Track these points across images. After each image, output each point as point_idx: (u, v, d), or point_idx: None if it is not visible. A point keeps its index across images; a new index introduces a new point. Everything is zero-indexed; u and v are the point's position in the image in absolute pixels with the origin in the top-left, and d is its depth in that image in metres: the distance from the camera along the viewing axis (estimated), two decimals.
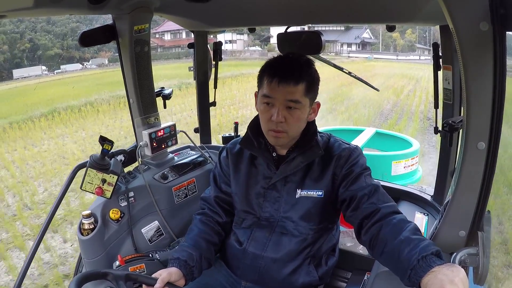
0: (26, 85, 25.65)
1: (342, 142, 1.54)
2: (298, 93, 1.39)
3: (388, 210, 1.32)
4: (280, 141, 1.46)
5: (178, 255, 1.44)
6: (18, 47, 41.58)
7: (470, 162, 1.07)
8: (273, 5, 1.77)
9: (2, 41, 40.07)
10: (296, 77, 1.38)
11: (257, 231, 1.57)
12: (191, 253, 1.45)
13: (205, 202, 1.69)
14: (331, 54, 50.22)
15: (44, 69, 37.75)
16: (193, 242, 1.52)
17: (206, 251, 1.51)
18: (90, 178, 1.71)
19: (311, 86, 1.42)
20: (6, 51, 40.43)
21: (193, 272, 1.43)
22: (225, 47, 52.39)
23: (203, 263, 1.48)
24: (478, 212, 1.10)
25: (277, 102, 1.39)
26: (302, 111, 1.42)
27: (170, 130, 2.03)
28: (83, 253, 1.77)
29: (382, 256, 1.24)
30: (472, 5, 0.94)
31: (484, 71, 0.97)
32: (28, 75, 33.95)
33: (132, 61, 1.83)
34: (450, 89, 1.75)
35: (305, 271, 1.53)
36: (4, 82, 31.71)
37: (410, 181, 4.77)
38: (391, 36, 57.89)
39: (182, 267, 1.40)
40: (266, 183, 1.55)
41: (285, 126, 1.41)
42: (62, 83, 24.75)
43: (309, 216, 1.51)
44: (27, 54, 41.73)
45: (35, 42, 42.79)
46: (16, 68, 37.24)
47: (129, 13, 1.70)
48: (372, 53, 51.48)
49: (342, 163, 1.46)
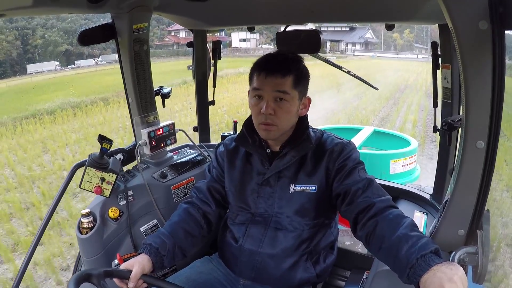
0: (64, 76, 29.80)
1: (335, 137, 1.55)
2: (286, 85, 1.41)
3: (383, 204, 1.32)
4: (270, 134, 1.46)
5: (151, 241, 1.43)
6: (30, 43, 42.86)
7: (469, 160, 1.07)
8: (272, 4, 1.77)
9: (15, 37, 41.11)
10: (284, 69, 1.41)
11: (252, 228, 1.57)
12: (165, 241, 1.44)
13: (196, 190, 1.68)
14: (337, 52, 53.38)
15: (57, 64, 38.94)
16: (170, 229, 1.50)
17: (182, 241, 1.50)
18: (89, 177, 1.71)
19: (299, 80, 1.44)
20: (19, 47, 41.49)
21: (163, 261, 1.42)
22: (240, 45, 55.73)
23: (176, 252, 1.47)
24: (477, 211, 1.11)
25: (266, 94, 1.42)
26: (291, 104, 1.43)
27: (169, 129, 2.03)
28: (82, 252, 1.76)
29: (380, 252, 1.24)
30: (471, 4, 0.94)
31: (483, 70, 0.97)
32: (42, 70, 34.98)
33: (131, 60, 1.83)
34: (449, 88, 1.75)
35: (303, 268, 1.53)
36: (28, 75, 33.66)
37: (408, 179, 4.78)
38: (391, 36, 61.83)
39: (152, 255, 1.39)
40: (260, 179, 1.56)
41: (274, 118, 1.42)
42: (105, 73, 27.14)
43: (303, 211, 1.51)
44: (39, 49, 43.00)
45: (46, 38, 43.87)
46: (28, 63, 38.73)
47: (128, 12, 1.70)
48: (375, 52, 54.13)
49: (335, 157, 1.47)
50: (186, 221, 1.56)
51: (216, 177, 1.68)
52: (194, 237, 1.56)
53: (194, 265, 1.70)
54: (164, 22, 51.21)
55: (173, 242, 1.46)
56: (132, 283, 1.27)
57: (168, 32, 56.53)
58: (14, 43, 41.05)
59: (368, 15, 1.74)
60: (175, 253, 1.46)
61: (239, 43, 58.38)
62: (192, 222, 1.57)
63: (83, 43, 1.70)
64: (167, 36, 56.71)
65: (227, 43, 58.00)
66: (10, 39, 40.80)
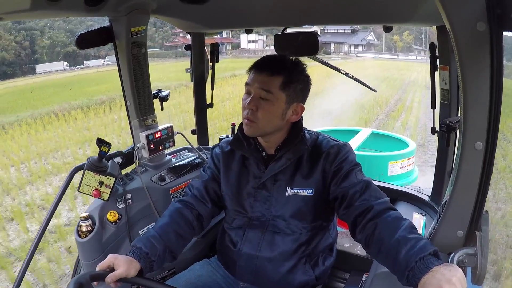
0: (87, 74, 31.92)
1: (331, 139, 1.54)
2: (272, 84, 1.41)
3: (382, 206, 1.31)
4: (250, 130, 1.47)
5: (141, 244, 1.38)
6: (38, 43, 44.04)
7: (467, 162, 1.08)
8: (269, 6, 1.77)
9: (23, 38, 42.13)
10: (272, 68, 1.42)
11: (250, 231, 1.56)
12: (155, 245, 1.39)
13: (192, 188, 1.65)
14: (340, 54, 56.49)
15: (65, 65, 40.16)
16: (162, 231, 1.45)
17: (173, 244, 1.46)
18: (87, 180, 1.70)
19: (289, 83, 1.43)
20: (27, 47, 42.58)
21: (152, 266, 1.37)
22: (248, 47, 58.06)
23: (166, 257, 1.43)
24: (476, 212, 1.11)
25: (253, 89, 1.43)
26: (274, 104, 1.42)
27: (168, 132, 2.03)
28: (81, 255, 1.76)
29: (379, 255, 1.24)
30: (469, 5, 0.94)
31: (481, 71, 0.97)
32: (51, 70, 36.05)
33: (129, 63, 1.82)
34: (447, 89, 1.76)
35: (301, 271, 1.53)
36: (41, 74, 35.31)
37: (406, 181, 4.78)
38: (391, 38, 65.28)
39: (142, 260, 1.34)
40: (256, 183, 1.55)
41: (256, 115, 1.43)
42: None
43: (300, 215, 1.50)
44: (47, 50, 44.16)
45: (53, 39, 44.92)
46: (36, 63, 40.13)
47: (126, 15, 1.70)
48: (377, 53, 57.08)
49: (331, 160, 1.46)
50: (177, 223, 1.51)
51: (212, 177, 1.66)
52: (185, 239, 1.53)
53: (194, 268, 1.69)
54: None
55: (164, 246, 1.41)
56: (109, 279, 1.23)
57: (177, 34, 56.79)
58: (23, 43, 41.95)
59: (366, 16, 1.74)
60: (165, 257, 1.43)
61: (248, 44, 59.96)
62: (183, 224, 1.52)
63: (81, 46, 1.70)
64: (177, 38, 56.87)
65: (236, 45, 60.09)
66: (18, 40, 41.70)
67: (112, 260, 1.27)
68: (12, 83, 28.18)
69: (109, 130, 10.92)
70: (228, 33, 56.20)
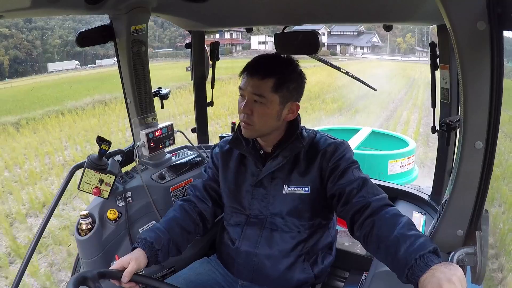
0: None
1: (328, 137, 1.54)
2: (264, 88, 1.41)
3: (379, 203, 1.31)
4: (247, 132, 1.48)
5: (146, 235, 1.42)
6: (49, 42, 44.44)
7: (467, 161, 1.07)
8: (269, 5, 1.77)
9: (35, 37, 42.54)
10: (263, 72, 1.42)
11: (248, 229, 1.57)
12: (160, 235, 1.43)
13: (193, 188, 1.69)
14: (346, 55, 59.51)
15: (77, 64, 40.41)
16: (166, 225, 1.50)
17: (177, 237, 1.50)
18: (87, 178, 1.70)
19: (281, 84, 1.42)
20: (39, 46, 42.99)
21: (157, 256, 1.40)
22: (259, 47, 58.74)
23: (171, 248, 1.46)
24: (476, 212, 1.10)
25: (247, 94, 1.43)
26: (268, 107, 1.42)
27: (168, 130, 2.03)
28: (80, 254, 1.76)
29: (378, 253, 1.24)
30: (469, 4, 0.94)
31: (482, 70, 0.97)
32: (63, 69, 36.41)
33: (129, 61, 1.82)
34: (447, 89, 1.75)
35: (300, 268, 1.53)
36: (52, 73, 35.72)
37: (406, 180, 4.78)
38: (395, 40, 69.00)
39: (147, 249, 1.37)
40: (253, 181, 1.56)
41: (251, 118, 1.44)
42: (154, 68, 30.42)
43: (297, 212, 1.51)
44: (58, 49, 44.70)
45: (64, 38, 45.31)
46: (47, 62, 40.71)
47: (126, 13, 1.69)
48: (381, 55, 59.72)
49: (328, 157, 1.46)
50: (181, 218, 1.56)
51: (212, 177, 1.69)
52: (189, 233, 1.56)
53: (193, 266, 1.70)
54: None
55: (168, 237, 1.46)
56: (127, 277, 1.24)
57: (188, 34, 57.23)
58: (34, 42, 42.28)
59: (366, 15, 1.74)
60: (170, 248, 1.46)
61: (258, 45, 60.86)
62: (188, 219, 1.57)
63: (82, 44, 1.69)
64: (188, 38, 57.25)
65: (247, 46, 61.24)
66: (30, 39, 42.00)
67: (120, 263, 1.30)
68: (31, 80, 28.68)
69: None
70: (238, 34, 57.31)
